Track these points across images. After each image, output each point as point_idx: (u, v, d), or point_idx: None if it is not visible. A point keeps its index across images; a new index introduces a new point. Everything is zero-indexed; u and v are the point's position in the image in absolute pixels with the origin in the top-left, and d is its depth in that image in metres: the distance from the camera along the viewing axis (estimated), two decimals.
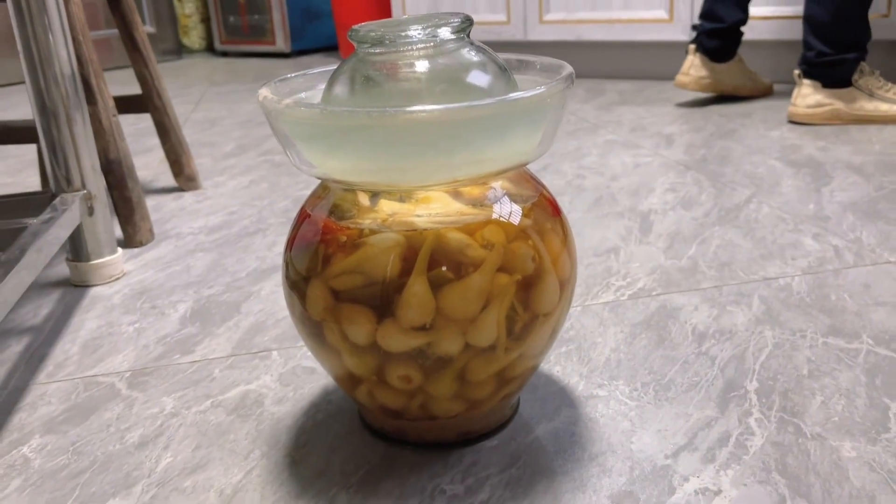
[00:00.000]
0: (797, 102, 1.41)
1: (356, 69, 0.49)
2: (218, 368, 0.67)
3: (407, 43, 0.47)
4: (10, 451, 0.56)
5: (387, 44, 0.47)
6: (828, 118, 1.40)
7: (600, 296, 0.76)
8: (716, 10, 1.59)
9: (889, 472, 0.49)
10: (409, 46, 0.47)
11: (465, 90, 0.47)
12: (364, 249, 0.47)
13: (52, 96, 0.81)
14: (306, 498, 0.49)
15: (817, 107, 1.39)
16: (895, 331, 0.66)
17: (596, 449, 0.53)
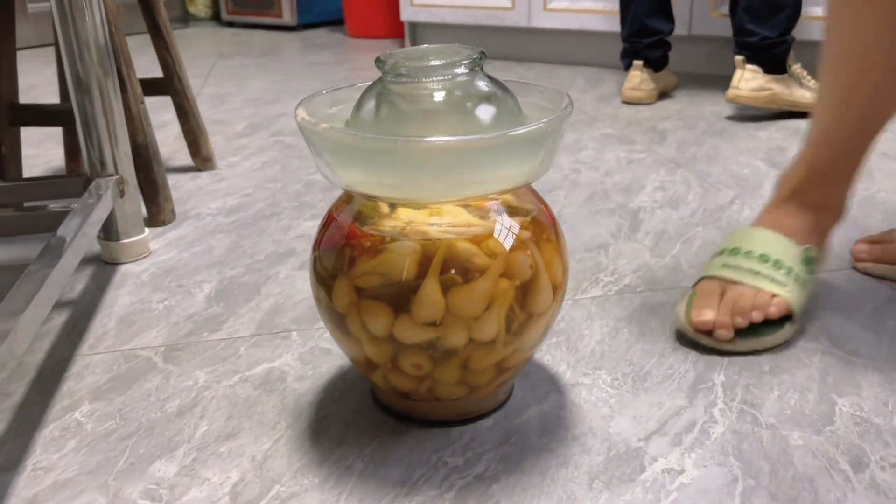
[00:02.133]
0: (740, 86, 1.52)
1: (381, 95, 0.56)
2: (243, 346, 0.74)
3: (427, 76, 0.53)
4: (63, 416, 0.64)
5: (409, 76, 0.54)
6: (767, 102, 1.51)
7: (589, 290, 0.84)
8: (650, 24, 1.74)
9: (829, 459, 0.57)
10: (429, 79, 0.54)
11: (476, 119, 0.54)
12: (385, 254, 0.54)
13: (90, 88, 0.88)
14: (327, 465, 0.57)
15: (759, 90, 1.50)
16: (850, 334, 0.73)
17: (578, 431, 0.60)
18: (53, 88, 2.03)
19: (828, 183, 0.77)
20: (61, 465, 0.58)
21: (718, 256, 0.76)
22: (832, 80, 0.74)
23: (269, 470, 0.57)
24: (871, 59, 0.70)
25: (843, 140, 0.75)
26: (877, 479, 0.54)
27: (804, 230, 0.76)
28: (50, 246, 0.70)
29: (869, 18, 0.69)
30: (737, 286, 0.72)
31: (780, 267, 0.73)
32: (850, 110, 0.74)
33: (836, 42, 0.73)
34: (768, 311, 0.70)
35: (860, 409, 0.62)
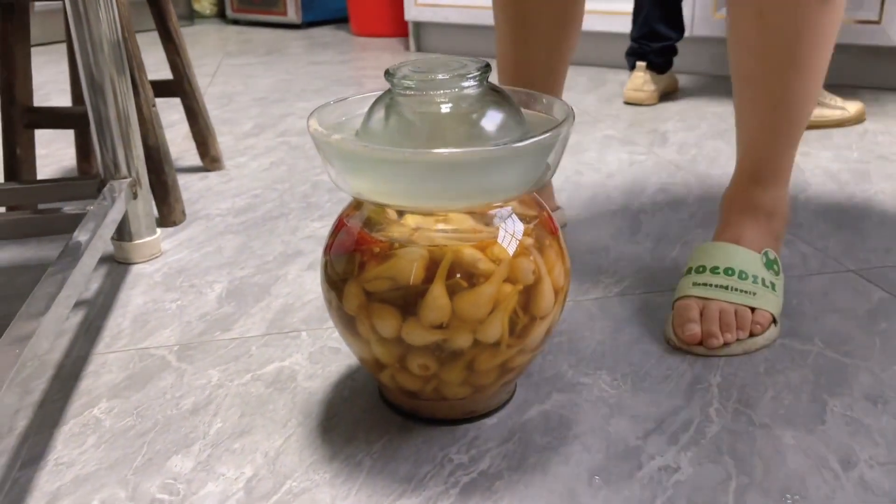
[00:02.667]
0: None
1: (390, 107, 0.58)
2: (254, 346, 0.76)
3: (434, 89, 0.56)
4: (82, 412, 0.66)
5: (417, 89, 0.56)
6: None
7: (590, 292, 0.86)
8: (660, 30, 1.77)
9: (819, 458, 0.59)
10: (436, 92, 0.56)
11: (481, 130, 0.56)
12: (394, 259, 0.56)
13: (104, 93, 0.90)
14: (338, 461, 0.60)
15: None
16: (843, 335, 0.76)
17: (579, 429, 0.63)
18: (62, 87, 2.05)
19: (769, 187, 0.82)
20: (82, 460, 0.60)
21: (687, 276, 0.80)
22: (750, 94, 0.79)
23: (282, 466, 0.59)
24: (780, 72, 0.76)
25: (774, 145, 0.80)
26: (865, 478, 0.57)
27: (759, 238, 0.81)
28: (68, 248, 0.72)
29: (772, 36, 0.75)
30: (713, 302, 0.76)
31: (745, 277, 0.77)
32: (774, 118, 0.79)
33: (729, 51, 0.80)
34: (754, 328, 0.74)
35: (851, 410, 0.64)
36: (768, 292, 0.77)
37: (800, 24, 0.73)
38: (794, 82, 0.76)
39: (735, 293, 0.76)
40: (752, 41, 0.76)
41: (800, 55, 0.74)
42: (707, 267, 0.79)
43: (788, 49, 0.74)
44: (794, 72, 0.75)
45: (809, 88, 0.77)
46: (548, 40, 0.91)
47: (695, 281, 0.78)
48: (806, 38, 0.74)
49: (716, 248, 0.81)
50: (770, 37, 0.74)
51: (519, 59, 0.92)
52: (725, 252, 0.80)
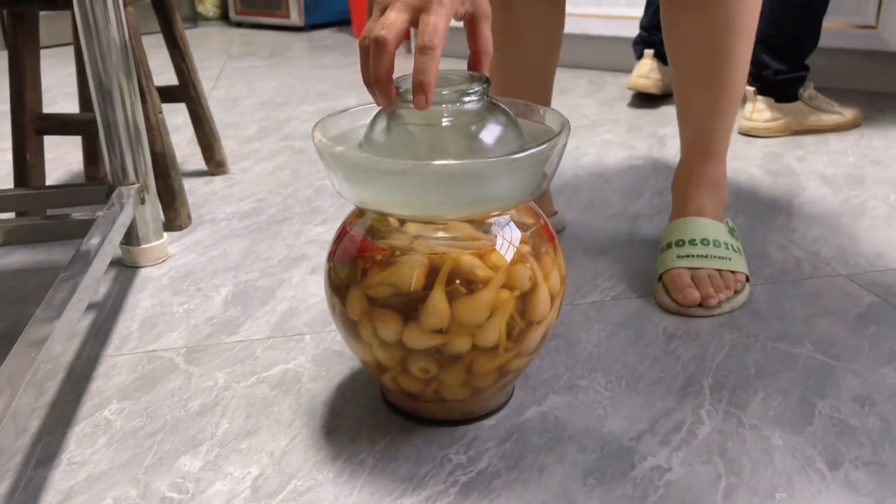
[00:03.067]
0: (754, 118, 1.52)
1: (392, 118, 0.60)
2: (260, 348, 0.79)
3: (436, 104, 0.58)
4: (94, 413, 0.69)
5: None
6: (781, 130, 1.52)
7: (588, 296, 0.88)
8: None
9: (806, 458, 0.61)
10: (438, 107, 0.58)
11: (480, 142, 0.58)
12: (395, 266, 0.58)
13: (113, 100, 0.92)
14: (341, 461, 0.62)
15: (772, 121, 1.51)
16: (833, 339, 0.78)
17: (574, 430, 0.65)
18: (69, 90, 2.07)
19: (717, 161, 0.94)
20: (94, 459, 0.63)
21: (668, 250, 0.89)
22: (696, 81, 0.91)
23: (287, 465, 0.61)
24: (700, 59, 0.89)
25: (719, 124, 0.91)
26: (850, 478, 0.59)
27: (717, 209, 0.93)
28: (79, 254, 0.74)
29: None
30: (699, 270, 0.85)
31: (718, 245, 0.88)
32: (718, 100, 0.90)
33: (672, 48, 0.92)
34: (736, 286, 0.85)
35: (838, 411, 0.66)
36: (738, 256, 0.88)
37: (735, 19, 0.85)
38: (731, 68, 0.88)
39: (714, 260, 0.86)
40: (695, 36, 0.87)
41: (735, 45, 0.86)
42: (685, 240, 0.88)
43: (726, 40, 0.86)
44: (732, 60, 0.87)
45: (743, 72, 0.89)
46: (535, 47, 0.95)
47: (678, 254, 0.87)
48: (739, 30, 0.86)
49: (687, 223, 0.90)
50: (711, 31, 0.86)
51: (507, 67, 0.96)
52: (696, 225, 0.90)
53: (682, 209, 0.93)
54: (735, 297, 0.84)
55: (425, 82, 0.55)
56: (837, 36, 1.77)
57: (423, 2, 0.56)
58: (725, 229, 0.91)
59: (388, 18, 0.56)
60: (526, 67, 0.97)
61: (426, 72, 0.55)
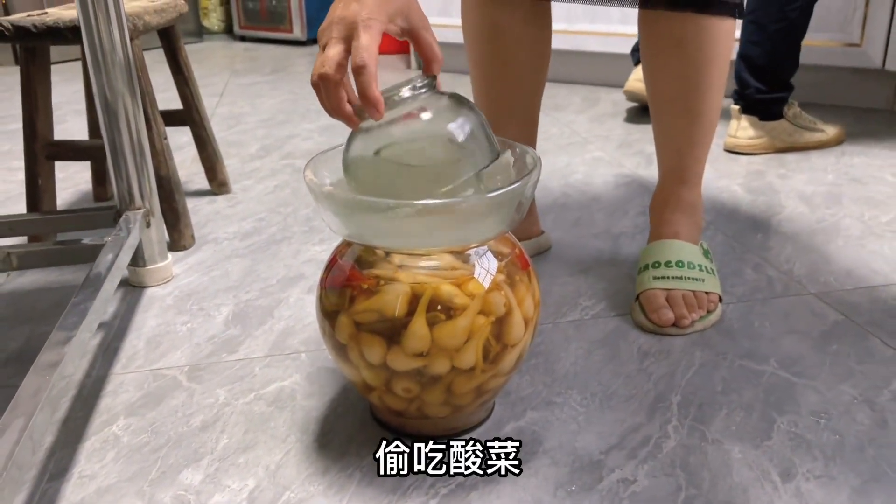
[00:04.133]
0: (738, 135, 1.58)
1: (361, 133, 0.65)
2: (258, 366, 0.84)
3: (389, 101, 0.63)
4: (102, 429, 0.74)
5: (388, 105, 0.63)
6: (764, 148, 1.57)
7: (568, 314, 0.93)
8: None
9: (763, 471, 0.66)
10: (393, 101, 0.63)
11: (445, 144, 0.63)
12: (380, 294, 0.64)
13: (120, 129, 0.97)
14: (331, 473, 0.67)
15: (756, 139, 1.57)
16: (797, 356, 0.82)
17: (549, 445, 0.70)
18: (77, 108, 2.13)
19: (693, 186, 0.98)
20: (103, 473, 0.68)
21: (645, 272, 0.94)
22: (673, 111, 0.95)
23: (281, 478, 0.66)
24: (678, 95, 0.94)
25: (694, 151, 0.96)
26: (801, 489, 0.63)
27: (692, 232, 0.97)
28: (89, 279, 0.80)
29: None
30: (674, 291, 0.90)
31: (693, 267, 0.92)
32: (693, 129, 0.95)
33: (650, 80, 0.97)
34: (709, 306, 0.90)
35: (795, 426, 0.71)
36: (712, 277, 0.93)
37: (709, 52, 0.89)
38: (705, 99, 0.92)
39: (689, 281, 0.91)
40: (672, 68, 0.91)
41: (709, 76, 0.91)
42: (661, 262, 0.93)
43: (701, 72, 0.91)
44: (706, 90, 0.92)
45: (717, 103, 0.94)
46: (523, 74, 1.00)
47: (654, 275, 0.92)
48: (713, 63, 0.90)
49: (663, 246, 0.95)
50: (687, 64, 0.90)
51: (497, 96, 1.01)
52: (672, 248, 0.95)
53: (659, 232, 0.98)
54: (707, 317, 0.89)
55: (370, 96, 0.60)
56: (823, 54, 1.81)
57: (351, 29, 0.61)
58: (700, 251, 0.95)
59: (326, 55, 0.61)
60: (514, 94, 1.01)
61: (367, 88, 0.60)
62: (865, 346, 0.84)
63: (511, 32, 0.97)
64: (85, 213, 1.02)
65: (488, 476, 0.66)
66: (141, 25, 1.06)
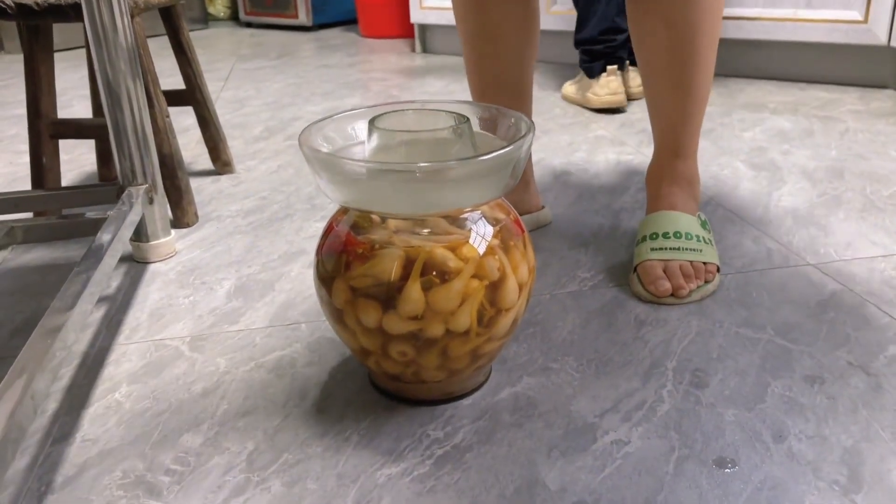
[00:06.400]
0: (630, 84, 1.86)
1: None
2: (258, 337, 0.85)
3: None
4: (105, 396, 0.75)
5: None
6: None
7: (567, 286, 0.93)
8: (620, 23, 1.81)
9: (754, 432, 0.66)
10: None
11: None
12: (375, 259, 0.64)
13: (122, 107, 0.98)
14: (329, 437, 0.68)
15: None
16: (793, 324, 0.83)
17: (544, 408, 0.71)
18: (81, 93, 2.14)
19: (687, 158, 0.99)
20: (105, 437, 0.69)
21: (643, 243, 0.95)
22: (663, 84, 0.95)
23: (280, 441, 0.67)
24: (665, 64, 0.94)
25: (687, 124, 0.96)
26: (793, 449, 0.64)
27: (689, 203, 0.98)
28: (91, 250, 0.81)
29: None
30: (671, 262, 0.91)
31: (690, 238, 0.93)
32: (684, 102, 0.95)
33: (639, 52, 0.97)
34: (707, 276, 0.91)
35: (790, 390, 0.72)
36: (709, 247, 0.94)
37: (697, 26, 0.90)
38: (696, 71, 0.93)
39: (686, 252, 0.92)
40: (661, 42, 0.92)
41: (699, 49, 0.91)
42: (659, 233, 0.94)
43: (690, 46, 0.91)
44: (696, 63, 0.92)
45: (708, 74, 0.94)
46: (511, 48, 1.00)
47: (651, 246, 0.93)
48: (702, 35, 0.90)
49: (661, 217, 0.96)
50: (676, 38, 0.91)
51: (485, 70, 1.01)
52: (669, 219, 0.95)
53: (656, 203, 0.98)
54: (705, 286, 0.90)
55: None
56: (828, 31, 1.80)
57: None
58: (697, 222, 0.96)
59: None
60: (503, 68, 1.01)
61: None
62: (862, 314, 0.84)
63: (496, 7, 0.97)
64: (89, 189, 1.03)
65: (484, 438, 0.66)
66: (142, 2, 1.07)
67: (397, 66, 2.45)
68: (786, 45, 1.96)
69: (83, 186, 1.04)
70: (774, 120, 1.63)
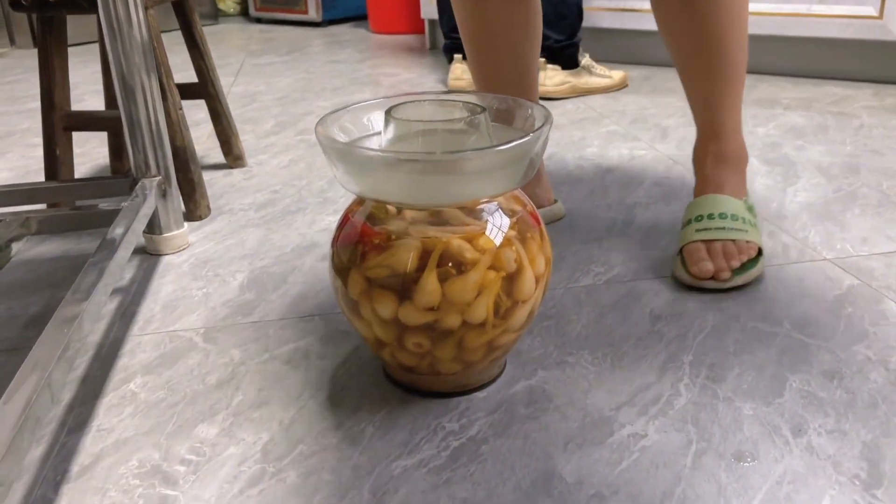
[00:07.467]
0: (545, 83, 1.83)
1: None
2: (272, 329, 0.85)
3: None
4: (120, 387, 0.75)
5: None
6: (568, 92, 1.84)
7: (581, 280, 0.93)
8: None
9: (773, 426, 0.66)
10: None
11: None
12: (391, 250, 0.64)
13: (136, 99, 0.98)
14: (343, 429, 0.67)
15: (561, 85, 1.83)
16: (810, 319, 0.82)
17: (559, 402, 0.70)
18: (94, 87, 2.15)
19: (728, 138, 0.98)
20: (121, 427, 0.69)
21: (688, 226, 0.94)
22: (692, 68, 0.95)
23: (295, 432, 0.67)
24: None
25: (721, 105, 0.96)
26: (812, 443, 0.63)
27: (736, 185, 0.97)
28: (105, 242, 0.81)
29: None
30: (715, 243, 0.90)
31: (736, 219, 0.93)
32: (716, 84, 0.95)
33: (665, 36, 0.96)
34: (749, 253, 0.90)
35: (808, 385, 0.71)
36: (754, 229, 0.93)
37: (719, 7, 0.88)
38: (725, 51, 0.92)
39: (731, 231, 0.91)
40: (683, 26, 0.91)
41: (723, 31, 0.90)
42: (704, 215, 0.94)
43: (713, 28, 0.90)
44: (724, 42, 0.91)
45: (739, 53, 0.93)
46: (512, 41, 1.00)
47: (697, 228, 0.93)
48: (726, 16, 0.89)
49: (707, 200, 0.95)
50: (698, 20, 0.90)
51: (486, 63, 1.01)
52: (715, 202, 0.95)
53: (703, 186, 0.98)
54: (748, 270, 0.89)
55: None
56: (842, 26, 1.79)
57: None
58: (744, 206, 0.95)
59: None
60: (505, 65, 1.01)
61: None
62: (880, 308, 0.83)
63: (495, 7, 0.97)
64: (102, 181, 1.03)
65: (500, 430, 0.66)
66: None
67: (407, 62, 2.45)
68: (799, 40, 1.95)
69: (97, 178, 1.04)
70: (788, 116, 1.62)
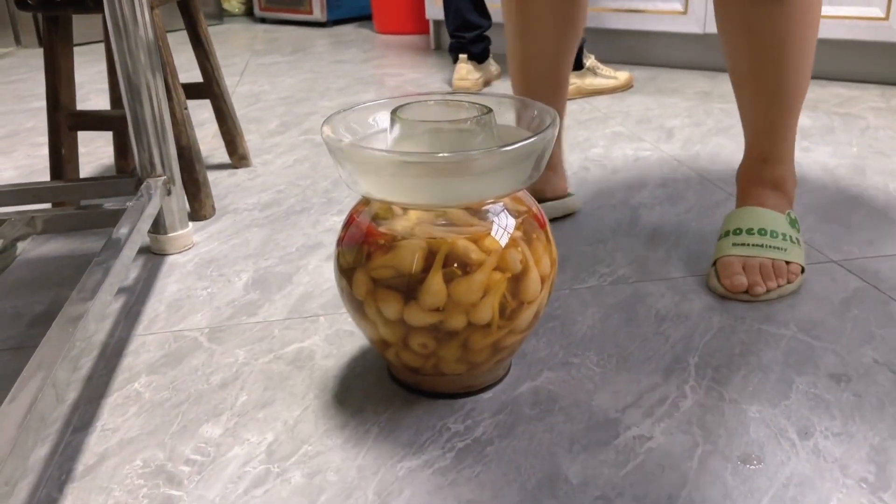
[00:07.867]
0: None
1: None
2: (277, 329, 0.84)
3: None
4: (125, 386, 0.75)
5: None
6: (573, 93, 1.87)
7: (586, 281, 0.93)
8: (471, 19, 2.01)
9: (779, 429, 0.65)
10: None
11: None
12: (397, 250, 0.64)
13: (141, 99, 0.98)
14: (348, 429, 0.67)
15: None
16: (817, 321, 0.82)
17: (565, 403, 0.70)
18: (99, 87, 2.15)
19: (776, 166, 0.94)
20: (125, 426, 0.69)
21: (726, 238, 0.92)
22: (747, 91, 0.91)
23: (299, 432, 0.67)
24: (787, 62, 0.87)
25: (773, 132, 0.92)
26: (819, 446, 0.63)
27: (779, 202, 0.94)
28: (110, 241, 0.81)
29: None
30: (753, 259, 0.88)
31: (776, 236, 0.90)
32: (770, 110, 0.90)
33: (725, 53, 0.92)
34: (790, 277, 0.88)
35: (814, 387, 0.71)
36: (795, 247, 0.90)
37: (783, 32, 0.84)
38: (782, 79, 0.87)
39: (770, 250, 0.89)
40: (742, 48, 0.87)
41: (785, 56, 0.86)
42: (742, 229, 0.91)
43: (774, 53, 0.85)
44: (782, 70, 0.87)
45: (797, 82, 0.88)
46: (553, 32, 0.99)
47: (734, 242, 0.90)
48: (789, 42, 0.85)
49: (747, 213, 0.93)
50: (758, 44, 0.86)
51: (527, 53, 1.01)
52: (755, 215, 0.92)
53: (744, 199, 0.96)
54: (785, 286, 0.87)
55: None
56: (848, 28, 1.79)
57: None
58: (786, 220, 0.92)
59: None
60: (539, 59, 1.00)
61: None
62: (887, 310, 0.83)
63: (536, 6, 0.97)
64: (107, 180, 1.03)
65: (505, 431, 0.66)
66: None
67: (412, 63, 2.45)
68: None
69: (102, 178, 1.04)
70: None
